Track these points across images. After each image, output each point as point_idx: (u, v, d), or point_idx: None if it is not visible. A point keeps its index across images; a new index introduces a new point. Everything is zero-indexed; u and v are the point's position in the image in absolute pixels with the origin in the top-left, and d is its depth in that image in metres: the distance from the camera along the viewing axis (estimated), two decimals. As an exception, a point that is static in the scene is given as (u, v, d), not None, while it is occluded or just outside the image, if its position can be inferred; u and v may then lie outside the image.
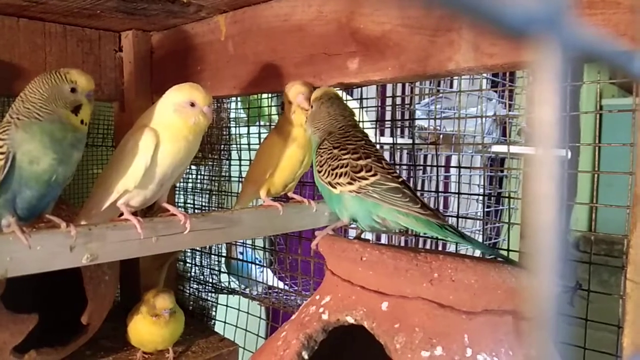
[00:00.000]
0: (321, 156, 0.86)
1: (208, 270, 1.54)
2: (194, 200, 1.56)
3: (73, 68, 0.80)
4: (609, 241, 0.96)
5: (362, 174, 0.80)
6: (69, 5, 1.10)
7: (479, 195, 1.76)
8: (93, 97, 0.80)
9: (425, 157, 1.88)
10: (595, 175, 0.91)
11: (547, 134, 0.21)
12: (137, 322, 1.15)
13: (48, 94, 0.75)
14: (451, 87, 1.92)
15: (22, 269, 0.69)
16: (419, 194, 0.83)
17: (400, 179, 0.80)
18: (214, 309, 1.52)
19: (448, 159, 1.94)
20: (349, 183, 0.81)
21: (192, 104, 0.82)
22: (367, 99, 1.22)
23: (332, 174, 0.83)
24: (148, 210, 1.04)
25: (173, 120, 0.82)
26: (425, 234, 0.93)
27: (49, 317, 1.06)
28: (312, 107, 0.91)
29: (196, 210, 1.53)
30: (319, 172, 0.86)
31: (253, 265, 1.49)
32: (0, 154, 0.72)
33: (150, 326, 1.14)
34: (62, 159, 0.75)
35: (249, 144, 1.38)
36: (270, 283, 1.47)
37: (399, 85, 1.50)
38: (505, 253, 0.95)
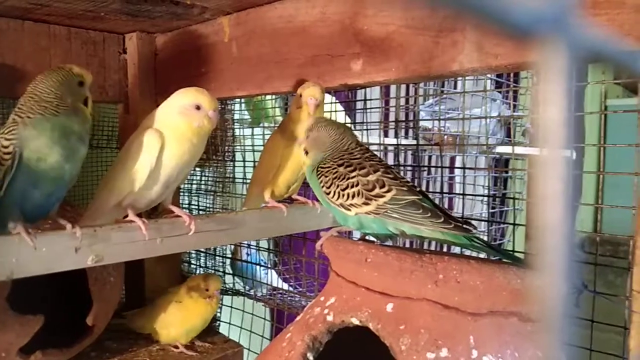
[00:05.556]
0: (326, 176, 0.81)
1: (212, 271, 1.54)
2: (198, 201, 1.56)
3: (71, 64, 0.83)
4: (614, 242, 0.96)
5: (377, 191, 0.75)
6: (73, 8, 1.10)
7: (483, 196, 1.75)
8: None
9: (430, 158, 1.87)
10: (600, 176, 0.90)
11: (554, 134, 0.21)
12: (186, 306, 1.19)
13: (61, 90, 0.77)
14: (455, 87, 1.92)
15: (28, 270, 0.69)
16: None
17: (417, 189, 0.77)
18: (218, 310, 1.52)
19: (452, 159, 1.94)
20: (365, 203, 0.76)
21: (198, 107, 0.82)
22: (370, 100, 1.22)
23: (343, 195, 0.77)
24: (153, 212, 1.05)
25: (177, 123, 0.83)
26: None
27: (54, 319, 1.06)
28: (307, 137, 0.85)
29: (200, 212, 1.54)
30: (327, 194, 0.80)
31: (258, 267, 1.49)
32: (6, 154, 0.72)
33: (202, 307, 1.19)
34: (69, 155, 0.76)
35: (252, 146, 1.38)
36: (274, 284, 1.47)
37: (403, 86, 1.50)
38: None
